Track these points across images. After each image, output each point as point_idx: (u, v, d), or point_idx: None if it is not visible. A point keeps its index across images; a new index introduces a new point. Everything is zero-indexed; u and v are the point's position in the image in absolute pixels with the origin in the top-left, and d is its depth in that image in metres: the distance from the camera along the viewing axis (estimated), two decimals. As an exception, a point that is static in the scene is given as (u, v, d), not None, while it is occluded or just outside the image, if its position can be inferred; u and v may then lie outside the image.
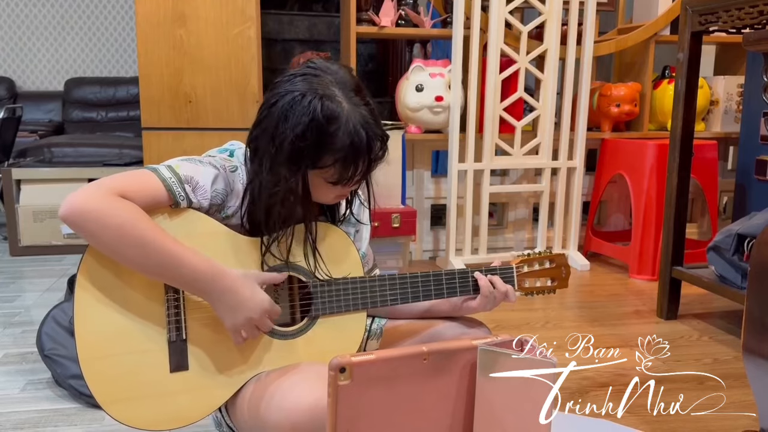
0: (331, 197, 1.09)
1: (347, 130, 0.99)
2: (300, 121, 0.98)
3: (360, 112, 1.01)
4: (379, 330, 1.24)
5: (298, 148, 0.99)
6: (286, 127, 0.99)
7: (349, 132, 0.99)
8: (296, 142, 0.99)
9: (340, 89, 1.01)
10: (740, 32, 2.13)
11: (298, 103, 0.99)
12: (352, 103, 1.01)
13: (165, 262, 0.95)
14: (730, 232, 2.11)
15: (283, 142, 1.00)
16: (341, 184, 1.03)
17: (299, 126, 0.98)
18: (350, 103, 1.01)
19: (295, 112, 0.99)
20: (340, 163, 1.00)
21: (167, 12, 2.63)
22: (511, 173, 3.25)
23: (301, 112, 0.98)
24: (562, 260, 1.28)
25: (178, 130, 2.73)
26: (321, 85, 1.01)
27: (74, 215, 0.93)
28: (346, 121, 0.99)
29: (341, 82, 1.02)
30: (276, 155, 1.01)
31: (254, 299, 1.00)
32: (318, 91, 1.00)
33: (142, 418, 1.01)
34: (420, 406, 0.73)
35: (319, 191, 1.06)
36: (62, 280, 2.71)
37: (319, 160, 1.00)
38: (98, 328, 0.99)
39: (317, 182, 1.04)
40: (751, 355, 1.15)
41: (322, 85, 1.01)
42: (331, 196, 1.09)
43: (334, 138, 0.99)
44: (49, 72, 5.34)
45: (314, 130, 0.98)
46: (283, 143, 1.00)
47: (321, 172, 1.02)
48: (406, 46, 3.87)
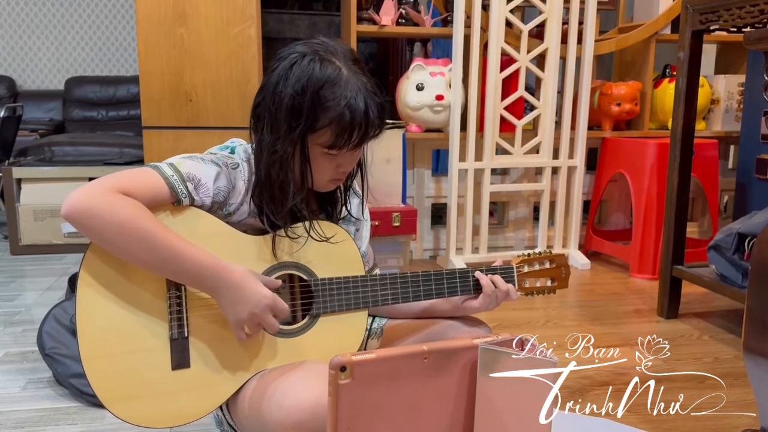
0: (327, 176, 1.08)
1: (344, 92, 1.00)
2: (299, 78, 1.00)
3: (359, 79, 1.02)
4: (379, 329, 1.24)
5: (296, 104, 1.00)
6: (286, 85, 1.01)
7: (345, 94, 1.00)
8: (295, 98, 1.00)
9: (340, 57, 1.03)
10: (741, 31, 2.13)
11: (298, 63, 1.01)
12: (351, 70, 1.02)
13: (168, 257, 0.96)
14: (731, 231, 2.11)
15: (282, 100, 1.01)
16: (337, 149, 1.03)
17: (298, 83, 1.00)
18: (349, 69, 1.02)
19: (294, 72, 1.01)
20: (335, 125, 1.00)
21: (168, 11, 2.63)
22: (511, 172, 3.25)
23: (300, 71, 1.00)
24: (562, 260, 1.28)
25: (178, 129, 2.73)
26: (322, 49, 1.03)
27: (76, 213, 0.93)
28: (344, 83, 1.00)
29: (341, 51, 1.04)
30: (276, 114, 1.02)
31: (257, 294, 1.00)
32: (319, 53, 1.02)
33: (144, 415, 1.01)
34: (420, 405, 0.73)
35: (316, 164, 1.06)
36: (63, 279, 2.72)
37: (316, 121, 1.01)
38: (100, 326, 0.99)
39: (314, 151, 1.04)
40: (752, 354, 1.15)
41: (324, 50, 1.03)
42: (326, 174, 1.08)
43: (331, 98, 0.99)
44: (49, 71, 5.34)
45: (313, 87, 0.99)
46: (282, 101, 1.01)
47: (317, 136, 1.02)
48: (406, 45, 3.87)
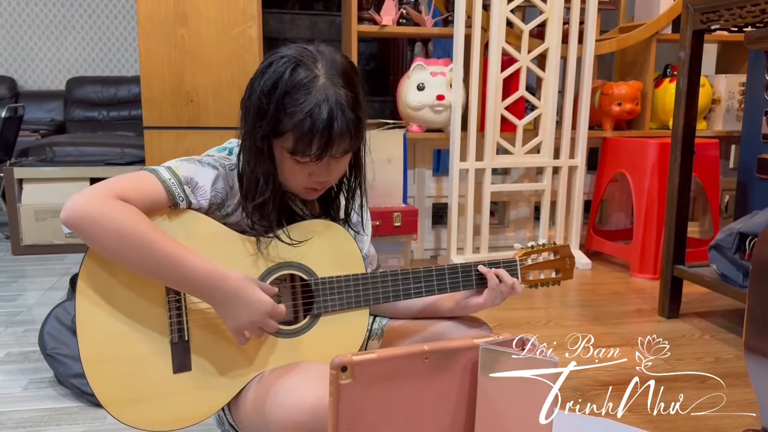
0: (299, 183, 1.06)
1: (309, 100, 0.97)
2: (270, 78, 1.00)
3: (335, 91, 0.99)
4: (380, 329, 1.24)
5: (262, 105, 1.00)
6: (257, 83, 1.01)
7: (310, 102, 0.97)
8: (262, 99, 1.00)
9: (326, 66, 1.00)
10: (742, 31, 2.13)
11: (275, 64, 1.01)
12: (330, 81, 0.99)
13: (165, 264, 0.95)
14: (732, 231, 2.11)
15: (252, 96, 1.02)
16: (298, 156, 1.00)
17: (268, 83, 1.00)
18: (329, 80, 0.99)
19: (270, 71, 1.00)
20: (296, 131, 0.98)
21: (169, 11, 2.64)
22: (512, 172, 3.25)
23: (274, 72, 1.00)
24: (566, 251, 1.24)
25: (179, 129, 2.73)
26: (308, 56, 1.01)
27: (74, 219, 0.93)
28: (314, 92, 0.98)
29: (331, 61, 1.01)
30: (248, 110, 1.03)
31: (256, 301, 0.99)
32: (299, 58, 1.00)
33: (146, 419, 1.01)
34: (421, 405, 0.73)
35: (285, 167, 1.04)
36: (64, 279, 2.72)
37: (278, 124, 0.99)
38: (100, 331, 0.99)
39: (281, 154, 1.03)
40: (753, 354, 1.15)
41: (309, 56, 1.01)
42: (298, 181, 1.05)
43: (295, 104, 0.98)
44: (50, 71, 5.34)
45: (279, 91, 0.98)
46: (251, 97, 1.02)
47: (281, 140, 1.01)
48: (407, 45, 3.87)
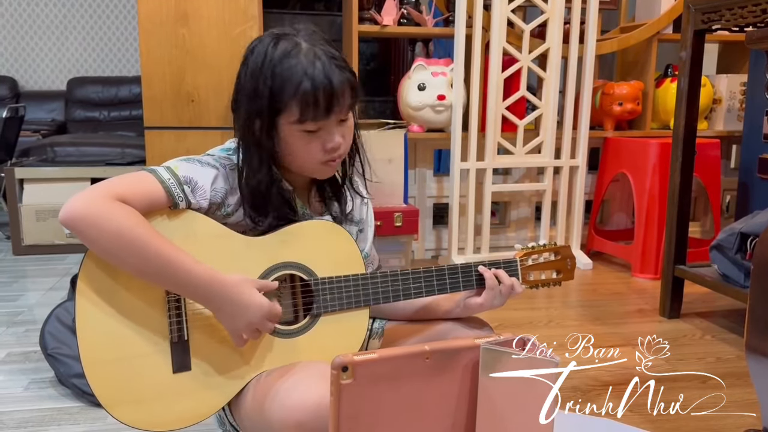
0: (316, 158, 1.05)
1: (300, 62, 0.98)
2: (256, 62, 1.00)
3: (321, 49, 1.00)
4: (380, 329, 1.24)
5: (255, 88, 1.00)
6: (245, 71, 1.02)
7: (302, 63, 0.98)
8: (253, 82, 1.00)
9: (305, 35, 1.02)
10: (743, 30, 2.12)
11: (256, 48, 1.02)
12: (312, 43, 1.01)
13: (163, 267, 0.95)
14: (733, 231, 2.11)
15: (243, 87, 1.02)
16: (309, 122, 1.00)
17: (255, 65, 1.00)
18: (310, 42, 1.01)
19: (253, 56, 1.01)
20: (299, 98, 0.98)
21: (170, 11, 2.64)
22: (513, 172, 3.25)
23: (257, 54, 1.01)
24: (566, 252, 1.24)
25: (180, 130, 2.73)
26: (283, 32, 1.03)
27: (73, 220, 0.93)
28: (302, 55, 0.99)
29: (311, 32, 1.03)
30: (240, 103, 1.03)
31: (253, 304, 0.99)
32: (276, 34, 1.02)
33: (146, 419, 1.01)
34: (422, 404, 0.73)
35: (297, 147, 1.03)
36: (65, 279, 2.72)
37: (279, 98, 0.99)
38: (100, 332, 0.99)
39: (289, 134, 1.02)
40: (754, 354, 1.15)
41: (284, 32, 1.03)
42: (314, 156, 1.04)
43: (288, 72, 0.98)
44: (51, 71, 5.35)
45: (267, 67, 0.99)
46: (244, 88, 1.02)
47: (286, 116, 1.00)
48: (408, 45, 3.86)
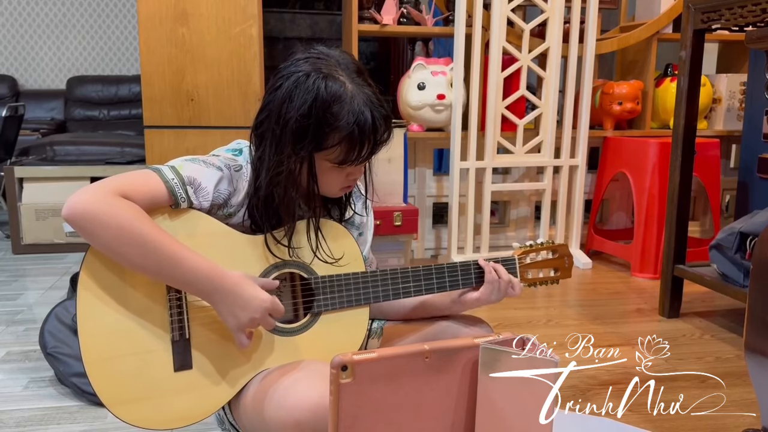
0: (337, 186, 1.08)
1: (351, 108, 0.99)
2: (305, 100, 0.99)
3: (364, 92, 1.01)
4: (379, 328, 1.24)
5: (302, 126, 0.99)
6: (291, 107, 0.99)
7: (353, 111, 0.99)
8: (301, 121, 0.99)
9: (344, 70, 1.02)
10: (743, 30, 2.13)
11: (302, 83, 1.00)
12: (355, 83, 1.01)
13: (164, 262, 0.95)
14: (733, 230, 2.11)
15: (288, 122, 1.00)
16: (347, 165, 1.03)
17: (304, 105, 0.99)
18: (353, 83, 1.01)
19: (300, 92, 0.99)
20: (345, 143, 1.00)
21: (169, 10, 2.64)
22: (513, 171, 3.25)
23: (306, 91, 0.99)
24: (564, 250, 1.26)
25: (180, 129, 2.73)
26: (325, 65, 1.02)
27: (76, 215, 0.93)
28: (350, 100, 0.99)
29: (344, 63, 1.03)
30: (281, 136, 1.01)
31: (255, 300, 0.99)
32: (322, 71, 1.01)
33: (147, 418, 1.01)
34: (422, 404, 0.73)
35: (326, 177, 1.06)
36: (65, 278, 2.72)
37: (324, 140, 1.00)
38: (102, 329, 0.99)
39: (323, 166, 1.04)
40: (753, 354, 1.15)
41: (326, 66, 1.02)
42: (337, 185, 1.08)
43: (338, 117, 0.99)
44: (51, 70, 5.35)
45: (319, 108, 0.99)
46: (287, 124, 1.00)
47: (326, 153, 1.02)
48: (407, 44, 3.87)
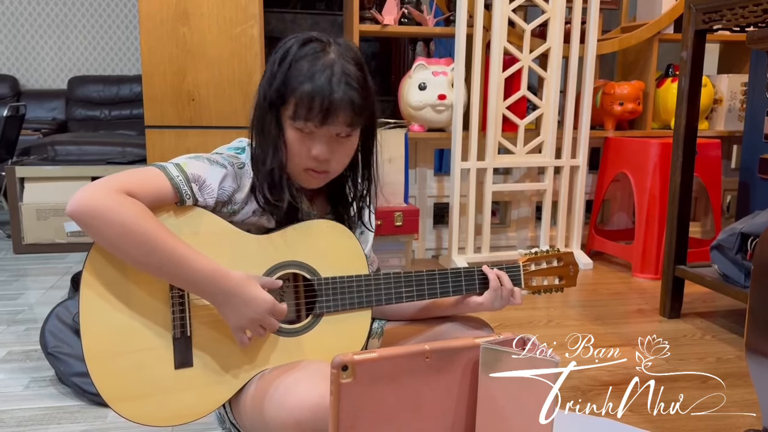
0: (302, 161, 1.06)
1: (315, 67, 1.00)
2: (282, 49, 1.04)
3: (342, 63, 1.01)
4: (380, 328, 1.24)
5: (272, 75, 1.03)
6: (272, 59, 1.04)
7: (315, 69, 1.00)
8: (273, 68, 1.03)
9: (337, 48, 1.03)
10: (744, 30, 2.12)
11: (289, 40, 1.05)
12: (340, 58, 1.02)
13: (167, 261, 0.96)
14: (734, 231, 2.11)
15: (265, 75, 1.05)
16: (300, 122, 1.01)
17: (279, 53, 1.03)
18: (339, 57, 1.02)
19: (282, 45, 1.05)
20: (298, 96, 1.01)
21: (170, 10, 2.64)
22: (514, 172, 3.25)
23: (285, 48, 1.04)
24: (569, 258, 1.26)
25: (181, 128, 2.73)
26: (320, 37, 1.05)
27: (80, 212, 0.93)
28: (321, 61, 1.01)
29: (346, 47, 1.05)
30: (261, 86, 1.06)
31: (257, 300, 1.00)
32: (312, 36, 1.04)
33: (147, 415, 1.02)
34: (422, 404, 0.73)
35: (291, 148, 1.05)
36: (66, 278, 2.72)
37: (283, 90, 1.02)
38: (104, 325, 0.99)
39: (288, 128, 1.05)
40: (754, 354, 1.15)
41: (320, 38, 1.04)
42: (301, 159, 1.05)
43: (300, 72, 1.00)
44: (52, 70, 5.35)
45: (289, 60, 1.02)
46: (264, 76, 1.05)
47: (285, 108, 1.03)
48: (409, 45, 3.87)
